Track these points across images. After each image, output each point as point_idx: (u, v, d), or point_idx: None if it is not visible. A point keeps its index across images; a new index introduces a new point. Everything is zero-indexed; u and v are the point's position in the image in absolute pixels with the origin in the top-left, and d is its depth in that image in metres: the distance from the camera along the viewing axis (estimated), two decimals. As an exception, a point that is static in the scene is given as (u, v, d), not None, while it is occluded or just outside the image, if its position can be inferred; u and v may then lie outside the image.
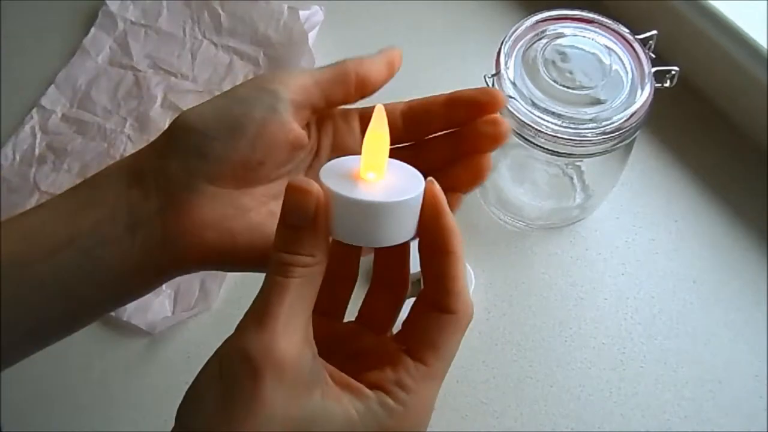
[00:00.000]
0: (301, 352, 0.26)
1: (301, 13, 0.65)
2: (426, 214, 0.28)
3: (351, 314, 0.34)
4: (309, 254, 0.27)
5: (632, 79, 0.47)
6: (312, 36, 0.64)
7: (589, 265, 0.55)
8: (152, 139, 0.34)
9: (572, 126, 0.45)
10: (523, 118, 0.46)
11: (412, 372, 0.28)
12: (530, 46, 0.48)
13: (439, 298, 0.29)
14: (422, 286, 0.30)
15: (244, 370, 0.25)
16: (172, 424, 0.53)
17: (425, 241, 0.29)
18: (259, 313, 0.26)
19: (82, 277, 0.31)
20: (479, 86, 0.35)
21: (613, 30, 0.49)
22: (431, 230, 0.28)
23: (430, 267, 0.29)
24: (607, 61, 0.48)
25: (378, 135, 0.29)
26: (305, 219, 0.26)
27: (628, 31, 0.49)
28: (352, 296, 0.33)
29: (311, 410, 0.26)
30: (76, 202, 0.32)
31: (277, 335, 0.25)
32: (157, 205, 0.32)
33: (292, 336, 0.25)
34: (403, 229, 0.28)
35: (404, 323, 0.30)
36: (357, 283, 0.33)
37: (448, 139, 0.35)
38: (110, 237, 0.31)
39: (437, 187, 0.28)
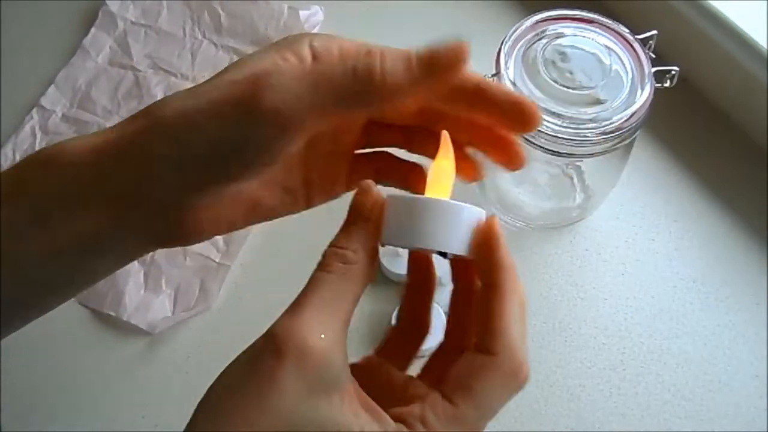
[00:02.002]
0: (327, 350, 0.25)
1: (301, 13, 0.65)
2: (480, 244, 0.28)
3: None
4: (352, 250, 0.27)
5: (632, 79, 0.47)
6: (312, 36, 0.64)
7: (589, 265, 0.55)
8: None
9: (572, 126, 0.45)
10: (523, 118, 0.46)
11: (438, 410, 0.26)
12: (530, 46, 0.48)
13: (480, 336, 0.27)
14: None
15: (268, 349, 0.25)
16: (172, 424, 0.53)
17: (480, 275, 0.28)
18: (295, 302, 0.26)
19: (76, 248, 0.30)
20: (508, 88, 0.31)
21: (613, 30, 0.49)
22: (483, 261, 0.28)
23: (478, 303, 0.28)
24: (607, 61, 0.48)
25: (444, 166, 0.29)
26: (358, 216, 0.27)
27: (628, 31, 0.49)
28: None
29: (323, 414, 0.25)
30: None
31: (303, 323, 0.25)
32: (146, 214, 0.29)
33: (320, 330, 0.25)
34: (454, 238, 0.28)
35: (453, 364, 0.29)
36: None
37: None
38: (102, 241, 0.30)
39: (497, 221, 0.28)
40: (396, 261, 0.52)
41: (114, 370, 0.51)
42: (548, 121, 0.45)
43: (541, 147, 0.47)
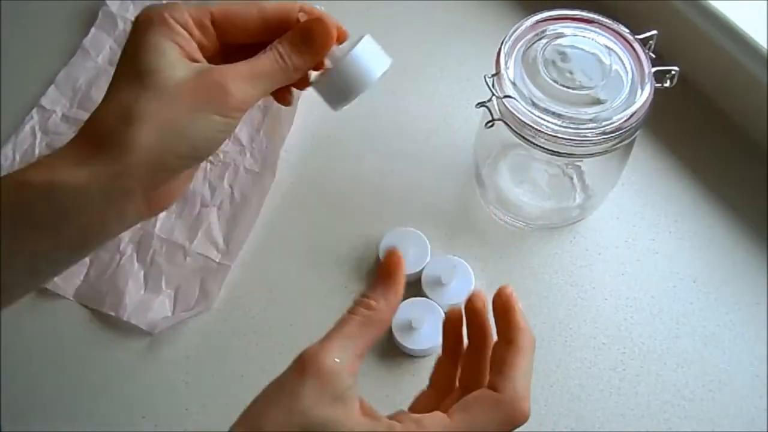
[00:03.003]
0: (339, 372, 0.31)
1: (301, 13, 0.64)
2: (500, 308, 0.35)
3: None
4: (374, 300, 0.33)
5: (632, 79, 0.47)
6: (312, 36, 0.64)
7: (589, 265, 0.55)
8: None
9: (572, 126, 0.45)
10: (523, 118, 0.46)
11: (435, 419, 0.31)
12: (530, 46, 0.48)
13: (492, 377, 0.33)
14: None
15: (295, 367, 0.31)
16: (172, 424, 0.53)
17: (499, 333, 0.35)
18: (325, 335, 0.32)
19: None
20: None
21: (613, 30, 0.49)
22: (502, 322, 0.34)
23: (495, 351, 0.34)
24: (607, 61, 0.48)
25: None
26: (383, 273, 0.34)
27: (628, 31, 0.49)
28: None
29: (328, 415, 0.30)
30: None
31: (325, 350, 0.31)
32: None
33: (337, 356, 0.31)
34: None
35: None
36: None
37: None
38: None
39: (512, 289, 0.35)
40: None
41: (114, 370, 0.51)
42: (548, 121, 0.45)
43: (541, 147, 0.47)
